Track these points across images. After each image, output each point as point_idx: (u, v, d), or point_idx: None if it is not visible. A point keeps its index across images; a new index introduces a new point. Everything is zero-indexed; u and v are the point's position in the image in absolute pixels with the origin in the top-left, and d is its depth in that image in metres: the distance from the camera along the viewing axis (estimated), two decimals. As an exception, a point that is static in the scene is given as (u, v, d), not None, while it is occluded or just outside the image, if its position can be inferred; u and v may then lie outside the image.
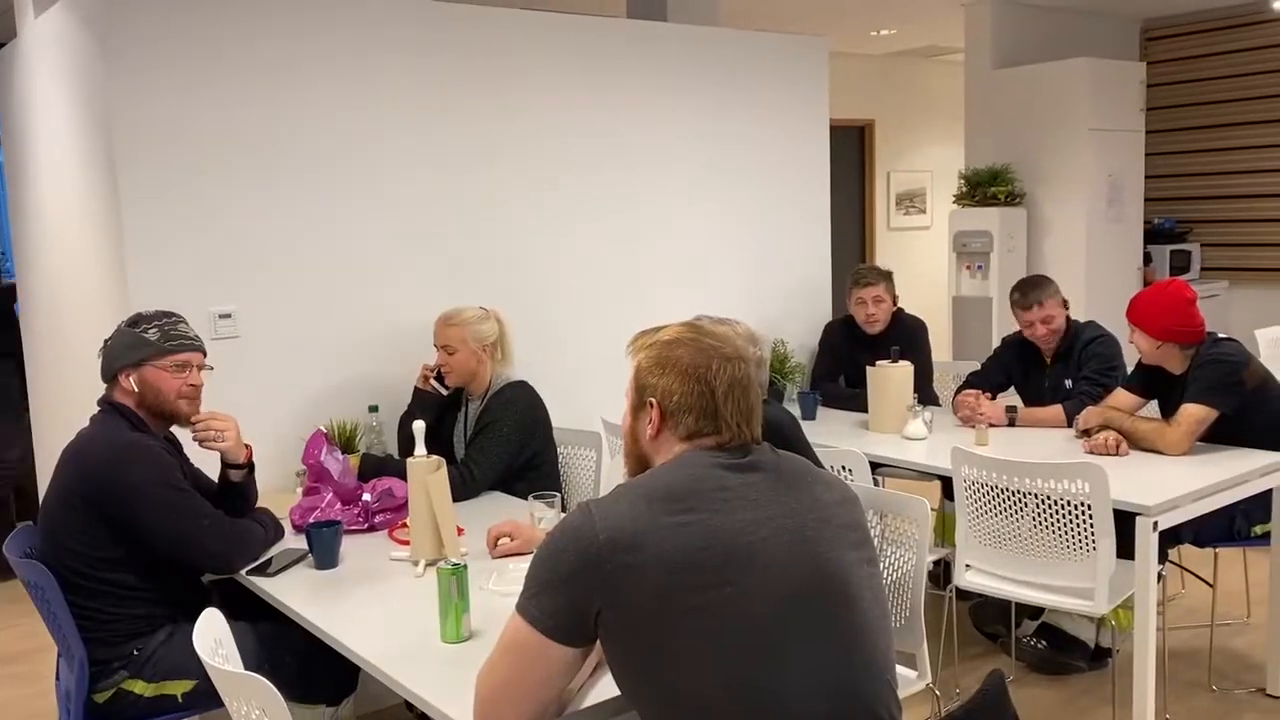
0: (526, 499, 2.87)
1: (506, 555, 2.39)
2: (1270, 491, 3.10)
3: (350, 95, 3.33)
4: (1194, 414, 3.10)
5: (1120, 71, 6.51)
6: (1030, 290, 3.74)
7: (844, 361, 4.31)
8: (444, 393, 3.19)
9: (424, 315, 3.29)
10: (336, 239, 3.33)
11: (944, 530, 3.91)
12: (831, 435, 3.66)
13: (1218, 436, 3.16)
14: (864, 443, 3.52)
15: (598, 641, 1.51)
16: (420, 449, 2.39)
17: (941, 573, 3.91)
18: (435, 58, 3.50)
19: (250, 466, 2.61)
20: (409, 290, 3.47)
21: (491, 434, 2.98)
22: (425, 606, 2.12)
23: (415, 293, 3.48)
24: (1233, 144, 7.04)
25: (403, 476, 2.62)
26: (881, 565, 2.47)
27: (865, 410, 3.82)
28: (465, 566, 1.95)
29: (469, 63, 3.58)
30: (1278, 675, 3.23)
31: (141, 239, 3.00)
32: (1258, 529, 3.21)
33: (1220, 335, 3.23)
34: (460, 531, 2.50)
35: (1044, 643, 3.44)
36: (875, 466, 3.63)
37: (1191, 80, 7.20)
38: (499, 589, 2.17)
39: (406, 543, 2.49)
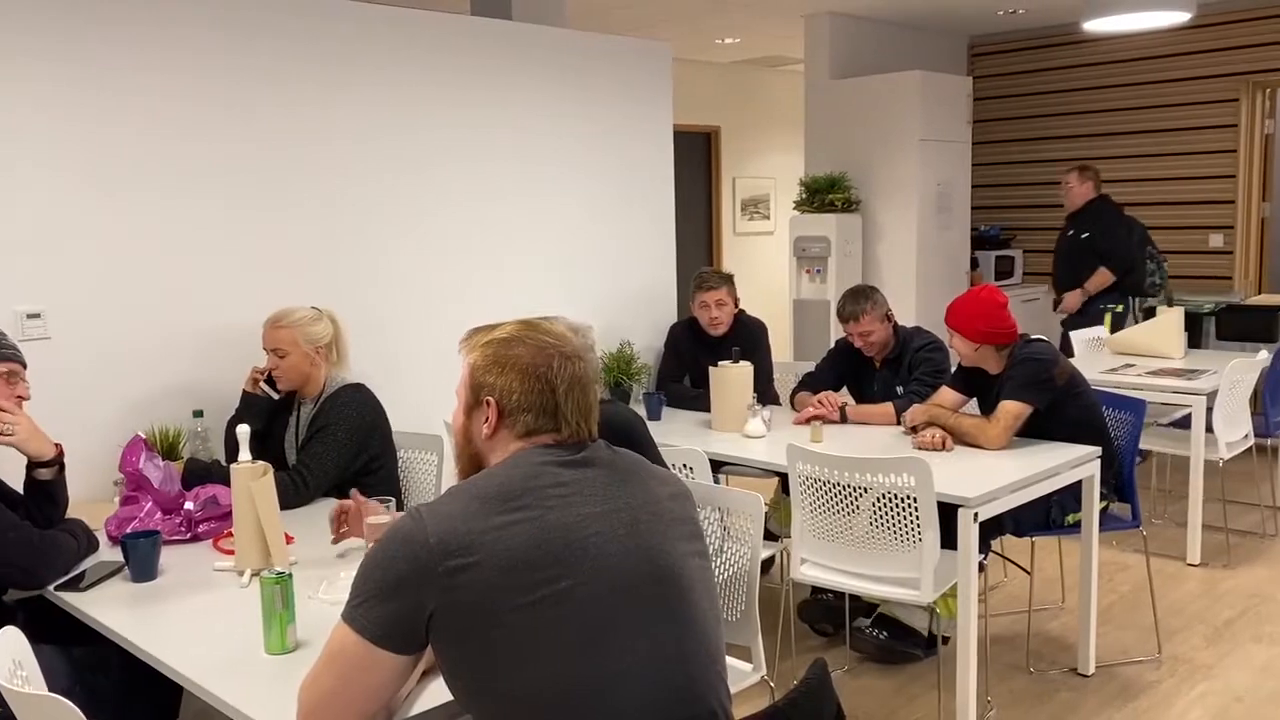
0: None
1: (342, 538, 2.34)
2: (1081, 482, 3.30)
3: (173, 85, 3.18)
4: (1010, 410, 3.28)
5: (949, 85, 6.83)
6: (848, 304, 3.88)
7: (688, 362, 4.37)
8: (275, 396, 3.08)
9: (254, 315, 3.16)
10: (160, 235, 3.17)
11: (786, 523, 4.00)
12: (676, 435, 3.70)
13: (1033, 431, 3.34)
14: (706, 441, 3.58)
15: (427, 647, 1.48)
16: (245, 454, 2.29)
17: (779, 565, 4.01)
18: (266, 47, 3.38)
19: (60, 465, 2.45)
20: (238, 289, 3.34)
21: (325, 438, 2.88)
22: (251, 618, 2.03)
23: (245, 292, 3.34)
24: (1052, 156, 7.49)
25: (229, 483, 2.51)
26: (723, 560, 2.52)
27: (709, 410, 3.88)
28: (290, 575, 1.88)
29: (302, 54, 3.47)
30: (1088, 656, 3.44)
31: (-63, 233, 2.78)
32: (1070, 518, 3.41)
33: (1031, 336, 3.42)
34: (289, 539, 2.41)
35: (883, 633, 3.57)
36: (720, 465, 3.70)
37: (1014, 95, 7.63)
38: (328, 598, 2.10)
39: (231, 552, 2.38)
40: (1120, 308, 5.78)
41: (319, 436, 2.90)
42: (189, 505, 2.59)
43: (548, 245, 4.24)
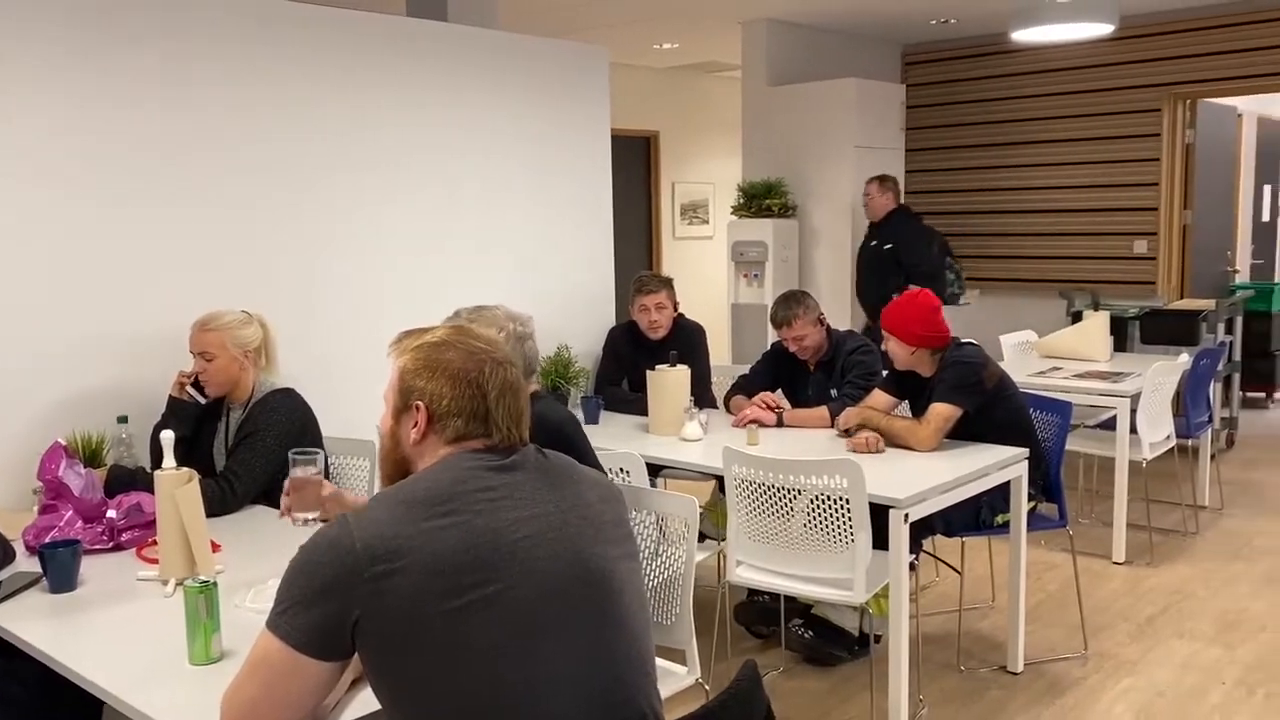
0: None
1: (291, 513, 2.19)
2: (1010, 483, 3.36)
3: (99, 85, 3.10)
4: (941, 412, 3.34)
5: (883, 92, 6.94)
6: (781, 310, 3.92)
7: (627, 366, 4.38)
8: (202, 401, 3.01)
9: (181, 319, 3.09)
10: (83, 236, 3.09)
11: (721, 526, 4.02)
12: (613, 438, 3.70)
13: (963, 433, 3.40)
14: (643, 444, 3.58)
15: (354, 654, 1.46)
16: (170, 460, 2.24)
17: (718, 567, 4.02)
18: (196, 46, 3.31)
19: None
20: (164, 291, 3.26)
21: (254, 444, 2.83)
22: (175, 629, 1.98)
23: (172, 295, 3.27)
24: (982, 164, 7.64)
25: (155, 491, 2.45)
26: (658, 563, 2.53)
27: (646, 413, 3.88)
28: (215, 584, 1.84)
29: (233, 53, 3.41)
30: (1017, 654, 3.51)
31: None
32: (1000, 518, 3.47)
33: (962, 340, 3.49)
34: (216, 547, 2.36)
35: (813, 633, 3.60)
36: (659, 469, 3.71)
37: (946, 103, 7.76)
38: (255, 606, 2.07)
39: (155, 561, 2.33)
40: None
41: (247, 442, 2.84)
42: (111, 514, 2.53)
43: (483, 248, 4.21)
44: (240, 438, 2.88)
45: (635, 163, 8.82)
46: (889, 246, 5.90)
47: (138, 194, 3.21)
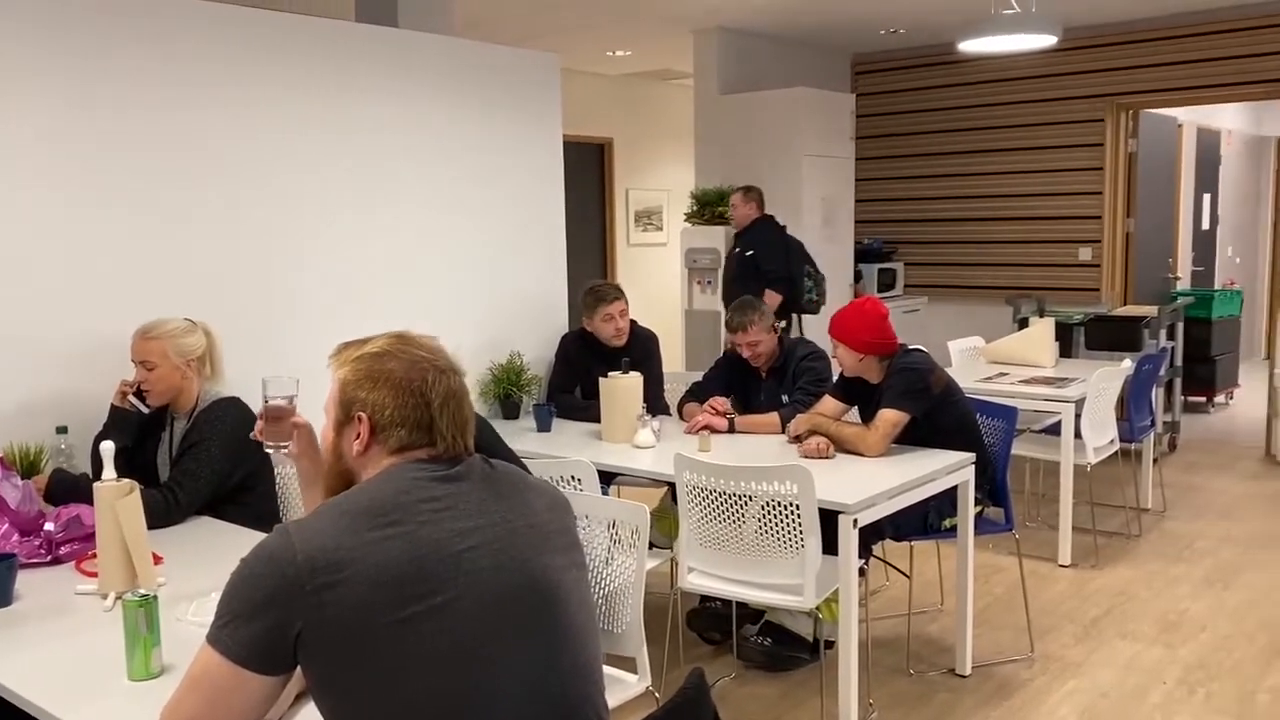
0: (240, 524, 2.73)
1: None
2: (957, 488, 3.41)
3: (42, 86, 3.03)
4: (889, 418, 3.37)
5: (833, 101, 7.01)
6: (736, 316, 3.95)
7: (580, 373, 4.37)
8: (144, 411, 2.96)
9: (123, 326, 3.03)
10: (22, 240, 3.02)
11: (669, 533, 4.03)
12: (566, 446, 3.70)
13: (911, 438, 3.44)
14: (596, 452, 3.58)
15: (298, 669, 1.44)
16: (109, 472, 2.20)
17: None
18: (136, 51, 3.26)
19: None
20: (105, 298, 3.20)
21: (198, 454, 2.78)
22: (115, 644, 1.94)
23: (112, 301, 3.20)
24: (931, 173, 7.74)
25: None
26: (610, 571, 2.52)
27: (599, 421, 3.88)
28: (155, 597, 1.81)
29: (181, 57, 3.36)
30: (965, 657, 3.55)
31: None
32: (947, 522, 3.51)
33: (910, 346, 3.53)
34: (158, 560, 2.32)
35: (768, 639, 3.61)
36: (612, 476, 3.71)
37: (895, 112, 7.86)
38: (197, 619, 2.03)
39: (95, 575, 2.28)
40: (784, 324, 5.91)
41: (191, 452, 2.80)
42: (49, 526, 2.47)
43: (435, 256, 4.18)
44: (184, 447, 2.83)
45: (589, 170, 8.82)
46: (750, 253, 5.97)
47: (76, 200, 3.15)
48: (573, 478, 3.11)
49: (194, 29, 3.40)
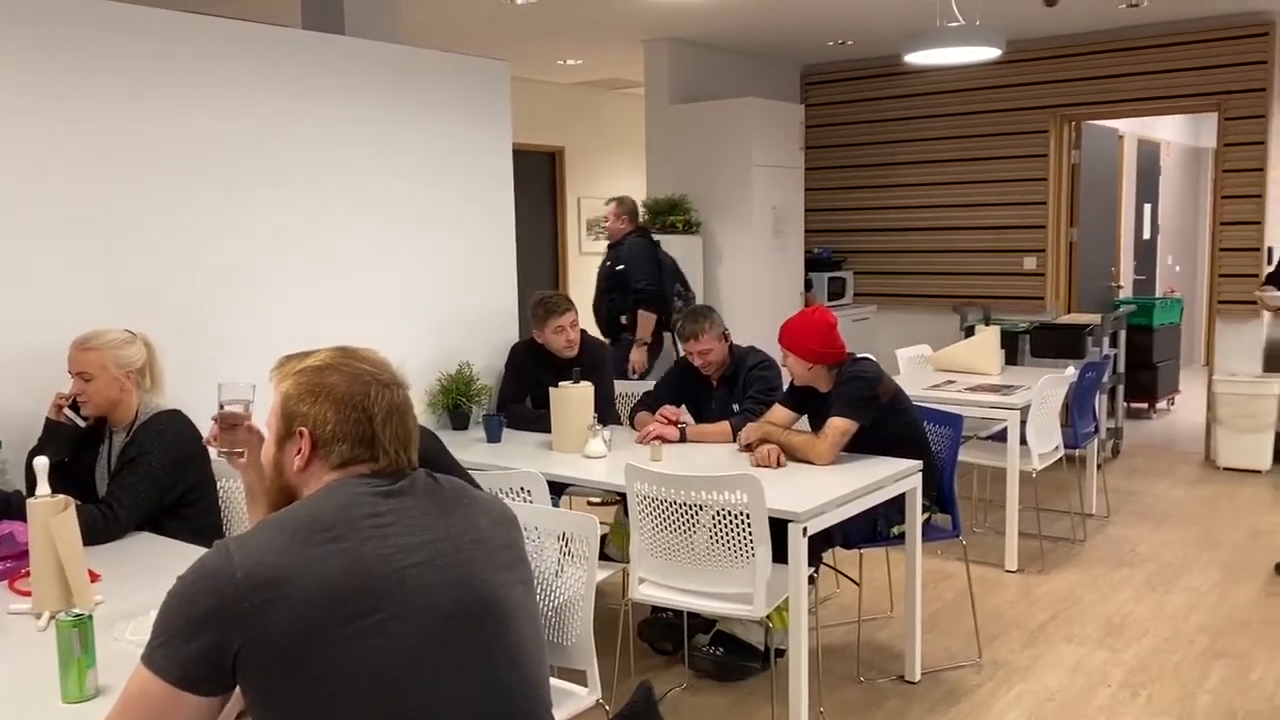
0: (181, 539, 2.67)
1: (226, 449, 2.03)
2: (905, 495, 3.44)
3: (-32, 92, 2.96)
4: (838, 426, 3.39)
5: (783, 112, 7.06)
6: (688, 324, 3.96)
7: (530, 383, 4.34)
8: (81, 424, 2.89)
9: (59, 337, 2.96)
10: (-49, 253, 2.94)
11: (621, 545, 4.02)
12: (516, 457, 3.67)
13: (860, 446, 3.46)
14: (547, 463, 3.56)
15: (235, 688, 1.41)
16: (44, 488, 2.14)
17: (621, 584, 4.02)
18: (76, 59, 3.19)
19: None
20: (40, 307, 3.12)
21: (137, 468, 2.72)
22: (49, 664, 1.89)
23: (48, 310, 3.13)
24: (879, 183, 7.82)
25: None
26: (560, 583, 2.50)
27: (550, 431, 3.86)
28: (90, 617, 1.77)
29: (118, 64, 3.30)
30: (914, 663, 3.58)
31: None
32: (895, 530, 3.54)
33: (858, 355, 3.56)
34: (95, 577, 2.27)
35: (720, 649, 3.61)
36: (563, 487, 3.69)
37: (844, 123, 7.94)
38: (135, 639, 1.98)
39: (29, 593, 2.22)
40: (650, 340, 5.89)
41: (130, 466, 2.74)
42: (-19, 544, 2.40)
43: (382, 265, 4.14)
44: (123, 462, 2.77)
45: (540, 178, 8.80)
46: (620, 268, 5.89)
47: (10, 209, 3.07)
48: (522, 489, 3.09)
49: (134, 35, 3.34)
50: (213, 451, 2.06)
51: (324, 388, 1.55)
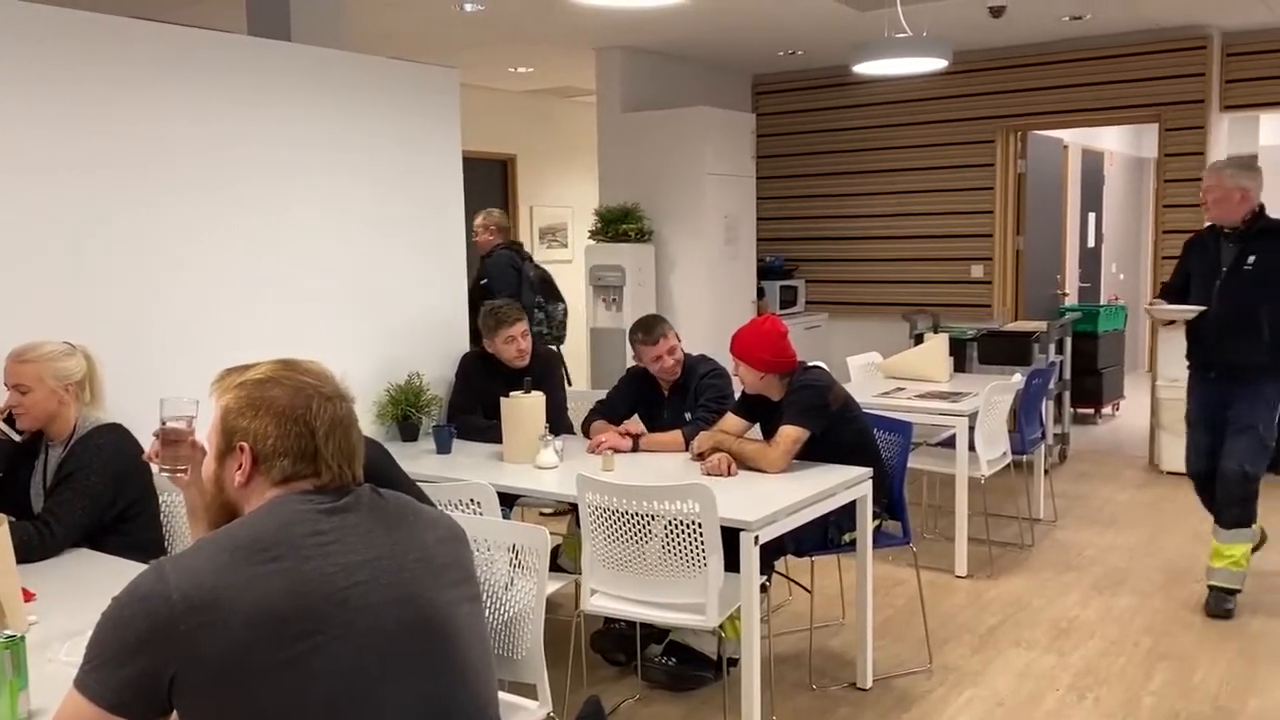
0: (121, 555, 2.61)
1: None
2: (855, 502, 3.45)
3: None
4: (789, 435, 3.41)
5: (734, 121, 7.09)
6: (654, 327, 3.97)
7: (482, 393, 4.31)
8: (16, 438, 2.81)
9: (-5, 350, 2.89)
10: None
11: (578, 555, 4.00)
12: (466, 468, 3.64)
13: (811, 454, 3.48)
14: (498, 474, 3.53)
15: (172, 713, 1.38)
16: (-25, 505, 2.08)
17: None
18: (19, 65, 3.11)
19: None
20: (-23, 322, 3.04)
21: (75, 483, 2.66)
22: (-21, 688, 1.84)
23: (-15, 325, 3.05)
24: (830, 191, 7.89)
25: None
26: (510, 596, 2.48)
27: (501, 441, 3.83)
28: (22, 638, 1.72)
29: (60, 69, 3.22)
30: (866, 670, 3.60)
31: None
32: (847, 537, 3.56)
33: (809, 364, 3.58)
34: (29, 596, 2.20)
35: (673, 659, 3.61)
36: (514, 498, 3.66)
37: (795, 132, 8.00)
38: (71, 659, 1.93)
39: (-41, 615, 2.15)
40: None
41: (68, 482, 2.67)
42: (-90, 564, 2.32)
43: (330, 275, 4.09)
44: (61, 477, 2.70)
45: (492, 186, 8.75)
46: (484, 281, 5.80)
47: (-55, 217, 2.99)
48: (472, 501, 3.06)
49: (75, 40, 3.27)
50: (155, 468, 2.00)
51: (265, 401, 1.52)
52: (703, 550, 2.90)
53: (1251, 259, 4.03)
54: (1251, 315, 4.01)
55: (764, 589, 3.28)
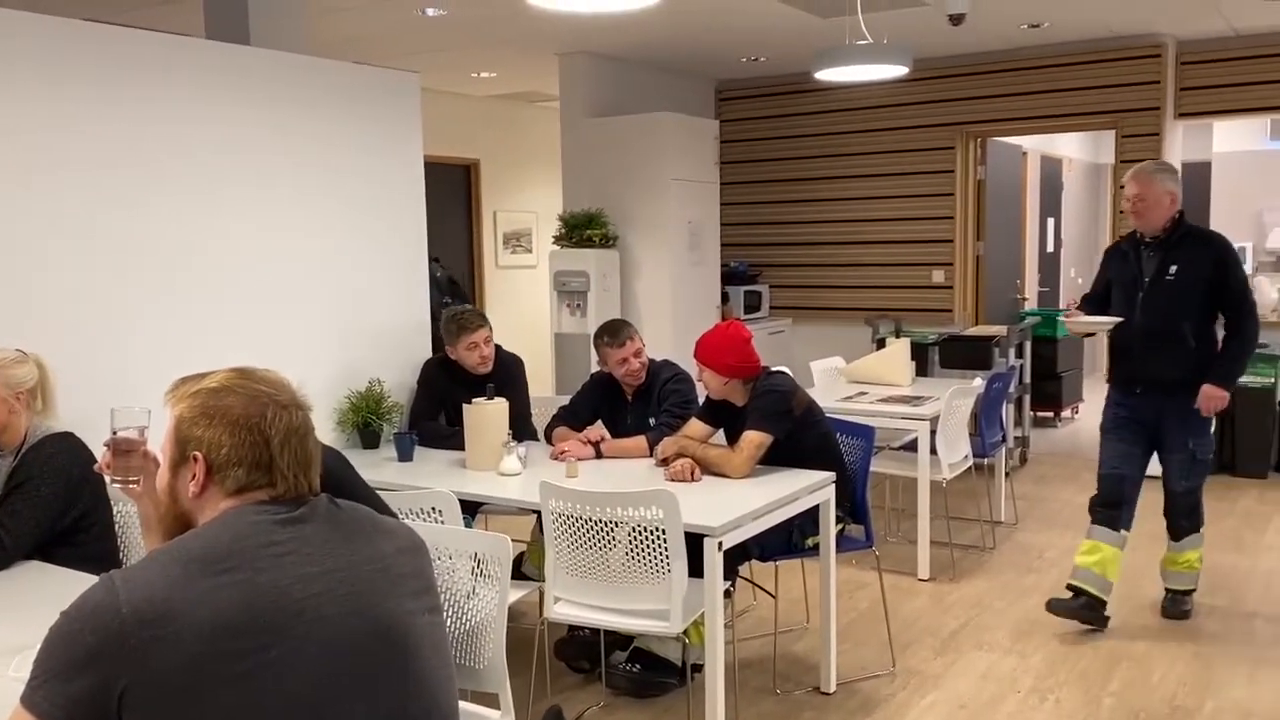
0: (73, 568, 2.56)
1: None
2: (818, 506, 3.46)
3: None
4: (753, 440, 3.41)
5: (698, 127, 7.11)
6: (620, 330, 3.98)
7: (444, 399, 4.28)
8: (-35, 449, 2.75)
9: (-57, 359, 2.83)
10: None
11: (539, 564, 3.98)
12: (428, 476, 3.61)
13: (775, 459, 3.49)
14: (461, 480, 3.51)
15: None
16: (-79, 518, 2.03)
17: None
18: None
19: None
20: (-75, 330, 2.98)
21: (26, 493, 2.60)
22: (-76, 705, 1.79)
23: (-67, 333, 2.99)
24: (793, 197, 7.93)
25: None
26: (472, 605, 2.46)
27: (464, 448, 3.80)
28: (-31, 654, 1.67)
29: (15, 73, 3.16)
30: (829, 674, 3.61)
31: None
32: (810, 541, 3.57)
33: (772, 369, 3.59)
34: (-22, 611, 2.15)
35: (637, 666, 3.59)
36: (477, 506, 3.63)
37: (758, 138, 8.03)
38: (20, 674, 1.88)
39: (-95, 630, 2.10)
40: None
41: (19, 491, 2.61)
42: None
43: (289, 280, 4.04)
44: (10, 487, 2.64)
45: (456, 191, 8.72)
46: None
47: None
48: (434, 509, 3.03)
49: (33, 43, 3.21)
50: (107, 479, 1.96)
51: (219, 410, 1.49)
52: (667, 556, 2.90)
53: (1173, 269, 3.90)
54: (1176, 328, 3.91)
55: (728, 594, 3.28)
